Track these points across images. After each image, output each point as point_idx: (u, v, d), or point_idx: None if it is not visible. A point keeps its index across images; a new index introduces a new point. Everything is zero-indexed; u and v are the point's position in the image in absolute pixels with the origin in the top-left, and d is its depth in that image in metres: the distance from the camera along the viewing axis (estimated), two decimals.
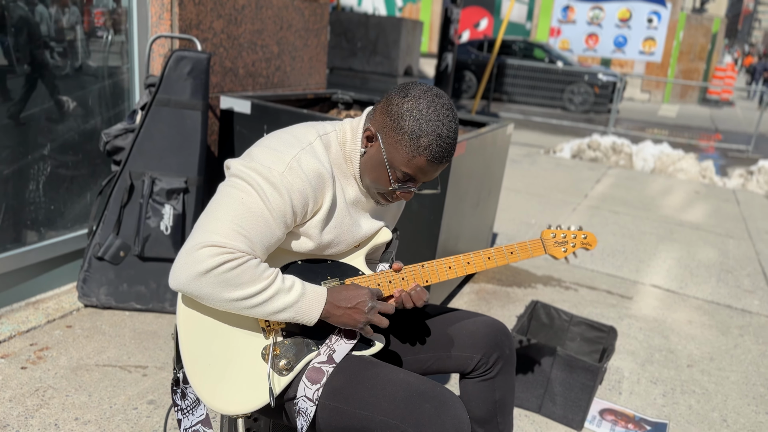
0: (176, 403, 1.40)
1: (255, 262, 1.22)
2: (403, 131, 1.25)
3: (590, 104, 13.72)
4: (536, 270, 3.88)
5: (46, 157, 2.73)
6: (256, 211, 1.22)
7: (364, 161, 1.35)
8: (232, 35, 3.25)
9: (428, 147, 1.25)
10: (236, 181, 1.25)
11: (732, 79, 20.39)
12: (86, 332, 2.55)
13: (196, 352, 1.30)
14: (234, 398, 1.29)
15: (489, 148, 3.15)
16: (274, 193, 1.23)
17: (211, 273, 1.18)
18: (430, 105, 1.26)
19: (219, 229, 1.19)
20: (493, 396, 1.58)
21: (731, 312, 3.56)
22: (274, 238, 1.25)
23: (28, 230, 2.73)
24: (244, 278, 1.20)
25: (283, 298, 1.25)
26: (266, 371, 1.30)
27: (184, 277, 1.19)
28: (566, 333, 2.64)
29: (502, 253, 1.51)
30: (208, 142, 3.22)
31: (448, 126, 1.26)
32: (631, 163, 7.84)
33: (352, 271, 1.43)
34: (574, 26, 13.48)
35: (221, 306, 1.23)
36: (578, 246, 1.58)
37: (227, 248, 1.18)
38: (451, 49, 8.43)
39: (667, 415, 2.45)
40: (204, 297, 1.21)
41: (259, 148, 1.29)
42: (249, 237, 1.21)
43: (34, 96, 2.64)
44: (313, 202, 1.28)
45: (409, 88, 1.28)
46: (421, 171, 1.29)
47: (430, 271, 1.46)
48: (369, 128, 1.32)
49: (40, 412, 2.04)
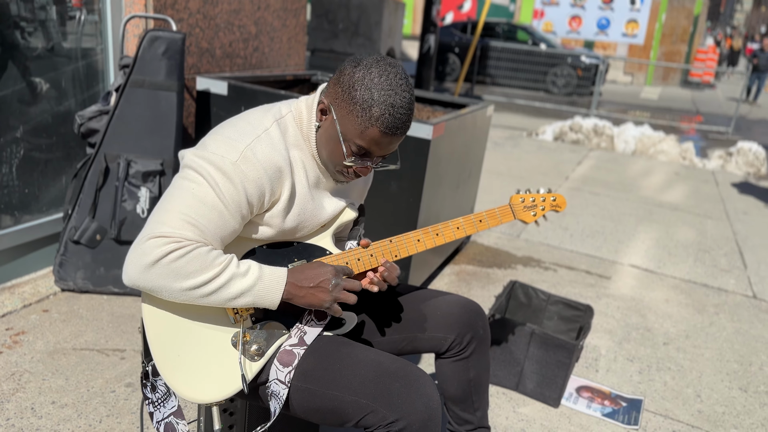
0: (147, 396, 1.38)
1: (205, 249, 1.19)
2: (355, 101, 1.21)
3: (573, 87, 13.75)
4: (516, 251, 3.90)
5: (19, 140, 2.68)
6: (208, 202, 1.19)
7: (319, 136, 1.31)
8: (208, 15, 3.20)
9: (380, 117, 1.20)
10: (188, 171, 1.22)
11: (713, 62, 20.52)
12: (63, 316, 2.53)
13: (164, 343, 1.28)
14: (207, 387, 1.28)
15: (469, 130, 3.15)
16: (227, 183, 1.20)
17: (158, 263, 1.15)
18: (382, 74, 1.21)
19: (166, 220, 1.17)
20: (467, 375, 1.59)
21: (707, 291, 3.62)
22: (229, 229, 1.23)
23: (2, 214, 2.69)
24: (193, 266, 1.17)
25: (238, 283, 1.22)
26: (237, 358, 1.29)
27: (133, 270, 1.16)
28: (544, 312, 2.67)
29: (471, 222, 1.48)
30: (184, 123, 3.19)
31: (401, 95, 1.21)
32: (613, 146, 7.89)
33: (319, 251, 1.40)
34: (558, 8, 13.47)
35: (177, 298, 1.20)
36: (548, 209, 1.56)
37: (174, 237, 1.16)
38: (434, 30, 8.39)
39: (643, 391, 2.50)
40: (157, 290, 1.18)
41: (213, 137, 1.25)
42: (198, 226, 1.18)
43: (6, 78, 2.58)
44: (270, 193, 1.25)
45: (362, 57, 1.25)
46: (375, 143, 1.24)
47: (398, 246, 1.43)
48: (322, 101, 1.28)
49: (16, 396, 2.02)
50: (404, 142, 2.61)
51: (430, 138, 2.56)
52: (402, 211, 2.72)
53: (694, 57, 21.32)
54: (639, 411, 2.35)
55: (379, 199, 2.74)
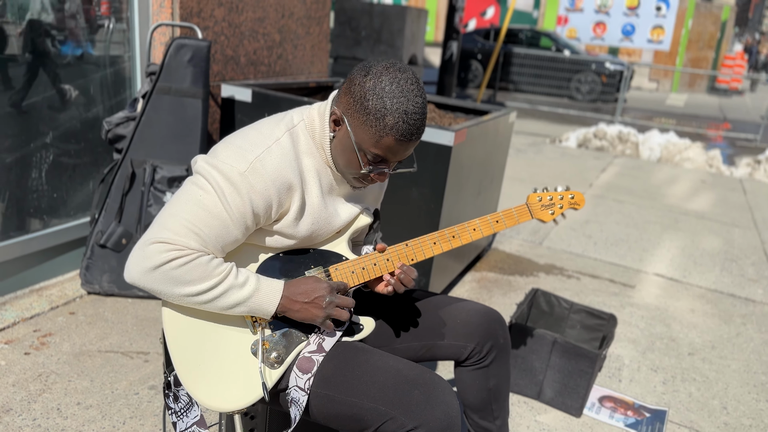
0: (170, 407, 1.39)
1: (206, 258, 1.21)
2: (368, 111, 1.20)
3: (597, 93, 13.63)
4: (539, 259, 3.88)
5: (49, 145, 2.74)
6: (213, 211, 1.20)
7: (334, 146, 1.30)
8: (233, 23, 3.25)
9: (395, 126, 1.20)
10: (197, 178, 1.23)
11: (741, 68, 20.18)
12: (89, 319, 2.57)
13: (185, 354, 1.30)
14: (228, 395, 1.29)
15: (491, 136, 3.15)
16: (234, 193, 1.20)
17: (159, 269, 1.18)
18: (393, 81, 1.20)
19: (171, 226, 1.19)
20: (487, 384, 1.59)
21: (734, 300, 3.55)
22: (230, 238, 1.24)
23: (31, 218, 2.75)
24: (193, 275, 1.19)
25: (235, 293, 1.24)
26: (257, 366, 1.30)
27: (136, 271, 1.19)
28: (566, 321, 2.64)
29: (487, 223, 1.46)
30: (209, 130, 3.23)
31: (414, 102, 1.21)
32: (638, 153, 7.80)
33: (335, 257, 1.40)
34: (582, 14, 13.37)
35: (176, 301, 1.23)
36: (566, 207, 1.53)
37: (176, 245, 1.18)
38: (456, 37, 8.39)
39: (667, 402, 2.46)
40: (156, 292, 1.21)
41: (224, 145, 1.25)
42: (201, 235, 1.20)
43: (36, 84, 2.65)
44: (278, 204, 1.25)
45: (371, 65, 1.23)
46: (390, 151, 1.24)
47: (415, 249, 1.42)
48: (335, 111, 1.27)
49: (42, 397, 2.06)
50: (425, 149, 2.61)
51: (452, 144, 2.56)
52: (423, 218, 2.72)
53: (722, 63, 20.99)
54: (663, 422, 2.32)
55: (400, 206, 2.74)
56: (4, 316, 2.50)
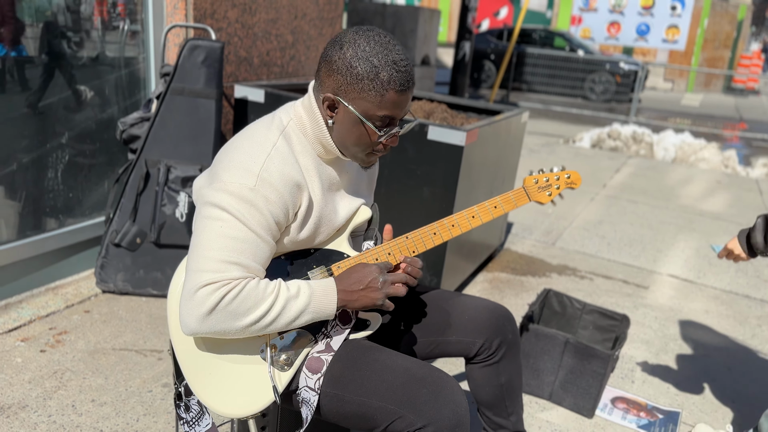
0: (181, 417, 1.40)
1: (253, 283, 1.20)
2: (360, 77, 1.20)
3: (611, 93, 13.54)
4: (551, 259, 3.86)
5: (64, 145, 2.78)
6: (239, 236, 1.19)
7: (336, 130, 1.29)
8: (246, 24, 3.27)
9: (390, 78, 1.21)
10: (210, 210, 1.21)
11: (758, 68, 19.96)
12: (104, 317, 2.60)
13: (195, 364, 1.31)
14: (240, 401, 1.30)
15: (503, 136, 3.14)
16: (252, 210, 1.19)
17: (215, 311, 1.17)
18: (369, 41, 1.21)
19: (208, 267, 1.17)
20: (498, 380, 1.59)
21: (749, 302, 3.52)
22: (266, 254, 1.23)
23: (47, 217, 2.78)
24: (248, 303, 1.19)
25: (294, 305, 1.23)
26: (267, 370, 1.31)
27: (193, 321, 1.18)
28: (579, 321, 2.63)
29: (485, 209, 1.46)
30: (222, 130, 3.25)
31: (396, 50, 1.22)
32: (652, 153, 7.74)
33: (337, 255, 1.40)
34: (596, 14, 13.30)
35: (242, 335, 1.22)
36: (563, 187, 1.53)
37: (221, 282, 1.17)
38: (469, 37, 8.37)
39: (680, 404, 2.44)
40: (221, 333, 1.20)
41: (224, 165, 1.23)
42: (240, 263, 1.19)
43: (52, 85, 2.68)
44: (293, 206, 1.25)
45: (340, 37, 1.24)
46: (395, 105, 1.24)
47: (415, 241, 1.42)
48: (326, 96, 1.25)
49: (58, 394, 2.09)
50: (437, 148, 2.61)
51: (464, 144, 2.56)
52: (434, 218, 2.72)
53: (738, 63, 20.77)
54: (676, 424, 2.30)
55: (412, 205, 2.75)
56: (21, 314, 2.54)
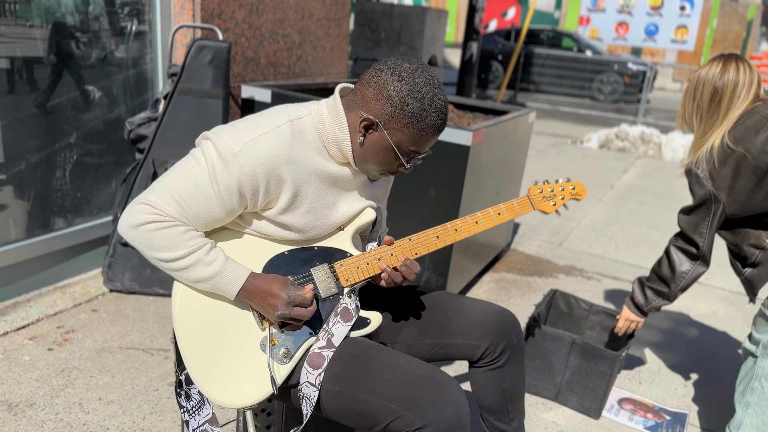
0: (182, 405, 1.41)
1: (181, 229, 1.26)
2: (409, 115, 1.26)
3: (620, 94, 13.48)
4: (558, 260, 3.85)
5: (73, 145, 2.79)
6: (200, 184, 1.25)
7: (364, 149, 1.33)
8: (253, 25, 3.28)
9: (434, 123, 1.29)
10: (196, 151, 1.29)
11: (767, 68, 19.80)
12: (111, 316, 2.62)
13: (196, 352, 1.32)
14: (240, 392, 1.31)
15: (509, 137, 3.13)
16: (223, 170, 1.24)
17: (138, 229, 1.25)
18: (426, 83, 1.27)
19: (159, 191, 1.26)
20: (502, 385, 1.58)
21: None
22: (213, 215, 1.28)
23: (55, 217, 2.80)
24: (165, 242, 1.25)
25: (200, 270, 1.28)
26: (266, 362, 1.32)
27: (123, 224, 1.27)
28: (585, 322, 2.62)
29: (489, 216, 1.48)
30: None
31: (443, 95, 1.30)
32: (660, 154, 7.70)
33: (339, 254, 1.42)
34: (604, 15, 13.24)
35: (156, 264, 1.30)
36: (567, 198, 1.54)
37: (158, 210, 1.25)
38: (476, 38, 8.36)
39: (688, 405, 2.42)
40: (138, 250, 1.29)
41: (229, 125, 1.30)
42: (182, 205, 1.25)
43: (61, 86, 2.70)
44: (265, 190, 1.27)
45: (401, 72, 1.27)
46: (427, 144, 1.33)
47: (418, 244, 1.44)
48: (367, 117, 1.29)
49: (65, 392, 2.10)
50: (443, 148, 2.61)
51: (470, 144, 2.55)
52: (440, 218, 2.71)
53: None
54: (683, 425, 2.29)
55: (418, 206, 2.74)
56: (29, 313, 2.55)
